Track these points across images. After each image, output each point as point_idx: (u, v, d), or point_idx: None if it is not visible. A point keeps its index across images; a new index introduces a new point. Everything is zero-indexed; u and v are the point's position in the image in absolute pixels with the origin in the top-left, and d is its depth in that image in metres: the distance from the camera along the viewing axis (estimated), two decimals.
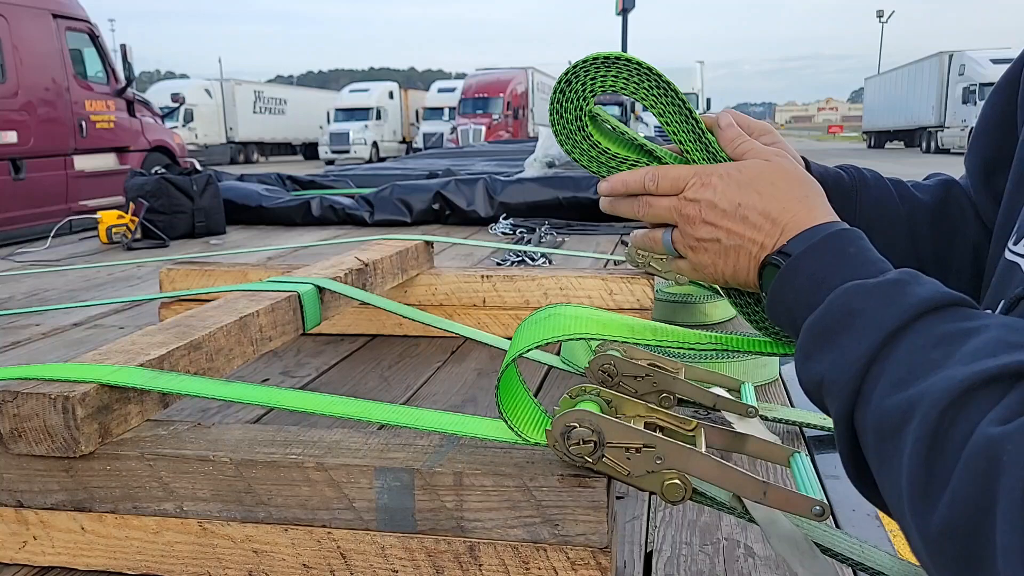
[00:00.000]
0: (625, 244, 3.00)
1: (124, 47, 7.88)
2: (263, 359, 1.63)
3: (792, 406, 1.34)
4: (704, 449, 0.72)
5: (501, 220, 3.62)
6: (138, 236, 3.30)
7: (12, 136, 6.30)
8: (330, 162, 25.20)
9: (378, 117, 28.39)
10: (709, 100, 27.81)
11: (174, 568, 0.82)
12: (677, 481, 0.69)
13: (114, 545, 0.83)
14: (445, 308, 1.75)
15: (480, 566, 0.75)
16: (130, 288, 2.47)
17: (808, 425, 1.21)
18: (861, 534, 0.73)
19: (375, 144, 27.37)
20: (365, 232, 3.56)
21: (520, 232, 3.35)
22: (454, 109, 26.49)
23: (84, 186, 6.99)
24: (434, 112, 28.56)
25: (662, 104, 0.70)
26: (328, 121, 28.58)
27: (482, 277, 1.74)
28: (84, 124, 7.09)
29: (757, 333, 0.79)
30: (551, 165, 4.23)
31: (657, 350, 0.98)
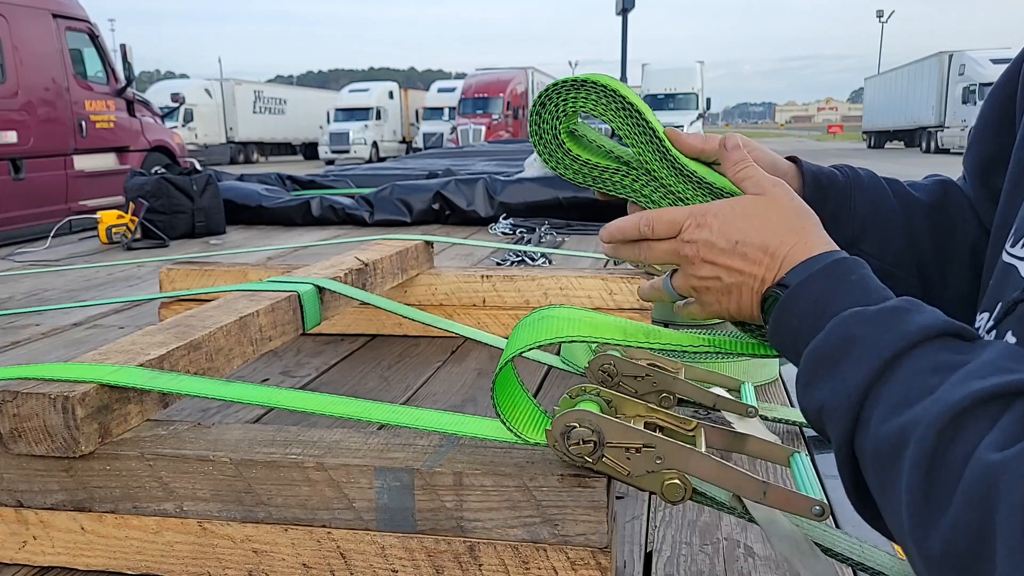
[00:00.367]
0: None
1: (124, 47, 7.87)
2: (263, 359, 1.63)
3: (792, 406, 1.34)
4: (704, 449, 0.72)
5: (501, 220, 3.62)
6: (138, 236, 3.31)
7: (12, 136, 6.30)
8: (330, 162, 25.18)
9: (378, 117, 28.38)
10: (709, 100, 27.78)
11: (174, 568, 0.82)
12: (677, 481, 0.69)
13: (114, 545, 0.83)
14: (445, 308, 1.75)
15: (480, 566, 0.75)
16: (130, 288, 2.47)
17: (808, 425, 1.21)
18: (861, 534, 0.73)
19: (375, 144, 27.35)
20: (365, 232, 3.56)
21: (520, 232, 3.35)
22: (454, 109, 26.47)
23: (84, 186, 6.99)
24: (434, 112, 28.55)
25: (627, 126, 0.72)
26: (328, 121, 28.55)
27: (482, 277, 1.74)
28: (84, 124, 7.09)
29: None
30: None
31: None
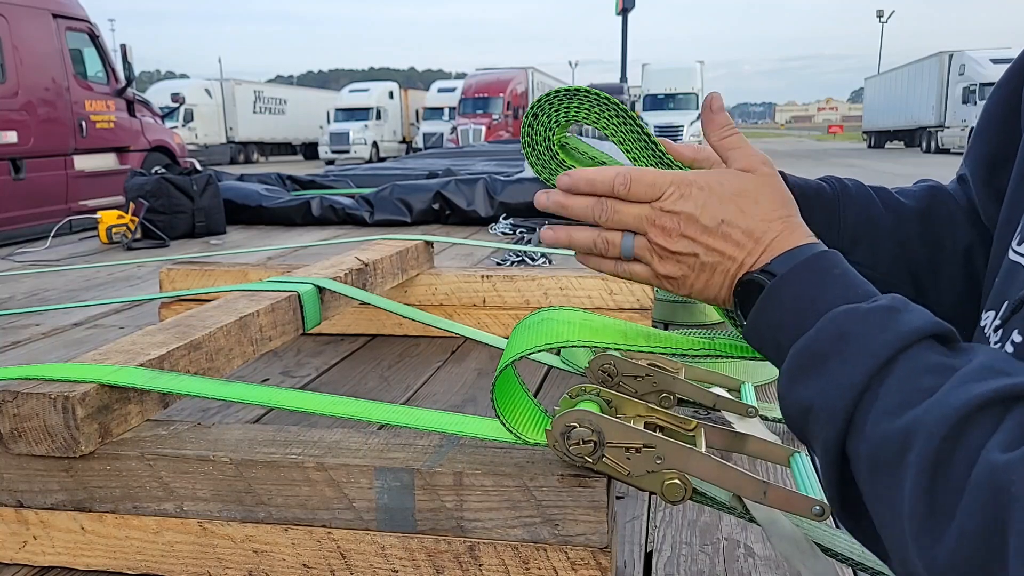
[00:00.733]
0: None
1: (124, 47, 7.88)
2: (263, 359, 1.63)
3: None
4: (704, 449, 0.72)
5: (501, 220, 3.62)
6: (138, 236, 3.30)
7: (12, 136, 6.30)
8: (330, 162, 25.18)
9: (378, 117, 28.38)
10: None
11: (174, 568, 0.82)
12: (677, 481, 0.69)
13: (114, 545, 0.83)
14: (445, 308, 1.75)
15: (480, 566, 0.75)
16: (130, 288, 2.47)
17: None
18: None
19: (375, 144, 27.35)
20: (365, 232, 3.56)
21: (520, 232, 3.35)
22: (454, 109, 26.47)
23: (84, 186, 6.99)
24: (434, 112, 28.55)
25: (622, 132, 0.72)
26: (328, 121, 28.56)
27: (482, 277, 1.74)
28: (84, 124, 7.09)
29: None
30: None
31: None
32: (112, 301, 2.00)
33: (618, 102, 0.71)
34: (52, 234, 3.53)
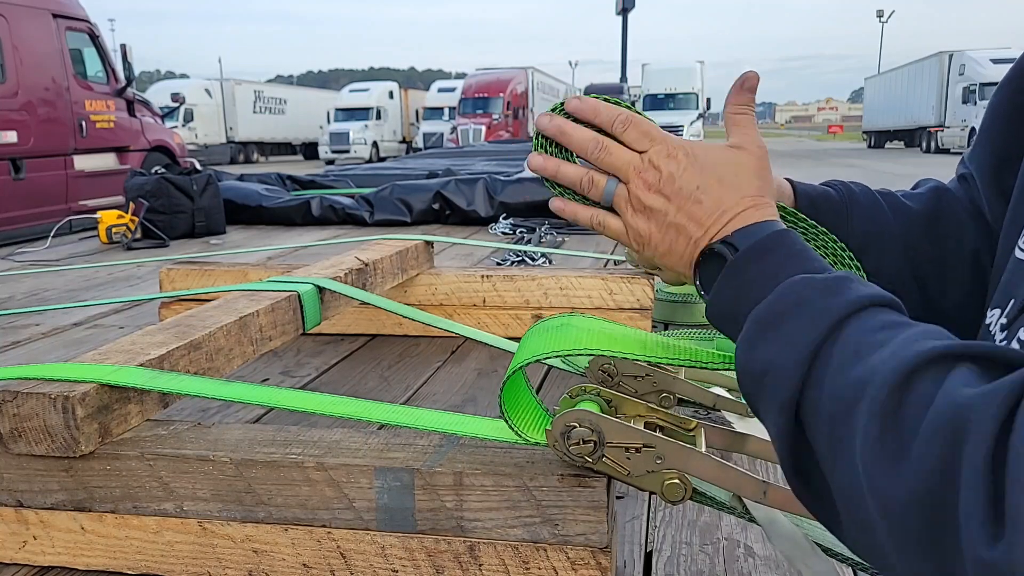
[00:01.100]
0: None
1: (124, 47, 7.87)
2: (263, 359, 1.63)
3: None
4: (704, 449, 0.72)
5: (501, 220, 3.62)
6: (138, 236, 3.31)
7: (12, 136, 6.30)
8: (330, 162, 25.18)
9: (378, 117, 28.37)
10: (709, 100, 27.77)
11: (174, 568, 0.82)
12: (677, 481, 0.69)
13: (114, 545, 0.83)
14: (445, 308, 1.75)
15: (480, 566, 0.75)
16: (130, 288, 2.47)
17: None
18: None
19: (375, 144, 27.35)
20: (365, 232, 3.56)
21: (520, 232, 3.35)
22: (454, 109, 26.47)
23: (84, 186, 6.99)
24: (434, 112, 28.54)
25: None
26: (328, 121, 28.55)
27: (482, 277, 1.74)
28: (84, 124, 7.09)
29: None
30: None
31: None
32: (112, 301, 2.00)
33: (630, 106, 0.72)
34: (52, 234, 3.53)
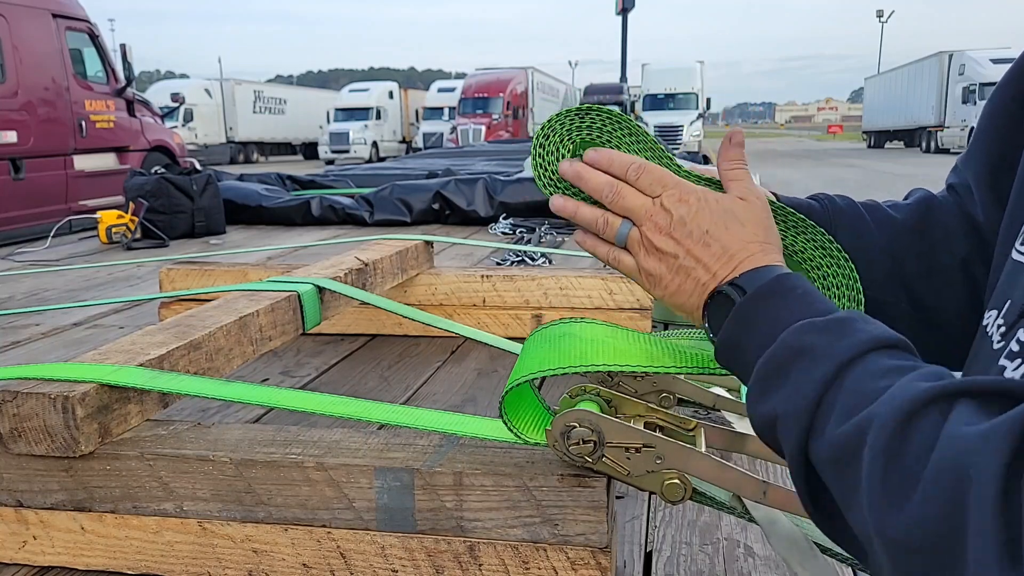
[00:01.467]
0: None
1: (124, 47, 7.87)
2: (263, 359, 1.63)
3: None
4: (704, 449, 0.72)
5: (501, 220, 3.62)
6: (138, 236, 3.30)
7: (12, 136, 6.30)
8: (330, 162, 25.17)
9: (378, 117, 28.37)
10: (709, 100, 27.79)
11: (174, 568, 0.82)
12: (677, 481, 0.69)
13: (114, 545, 0.83)
14: (445, 308, 1.75)
15: (480, 566, 0.75)
16: (130, 288, 2.47)
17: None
18: None
19: (375, 144, 27.34)
20: (365, 232, 3.56)
21: (520, 232, 3.35)
22: (454, 109, 26.47)
23: (84, 186, 6.98)
24: (434, 112, 28.53)
25: (635, 150, 0.73)
26: (328, 121, 28.55)
27: (482, 277, 1.74)
28: (84, 124, 7.09)
29: None
30: None
31: None
32: (112, 301, 2.00)
33: (631, 119, 0.73)
34: (52, 234, 3.53)
